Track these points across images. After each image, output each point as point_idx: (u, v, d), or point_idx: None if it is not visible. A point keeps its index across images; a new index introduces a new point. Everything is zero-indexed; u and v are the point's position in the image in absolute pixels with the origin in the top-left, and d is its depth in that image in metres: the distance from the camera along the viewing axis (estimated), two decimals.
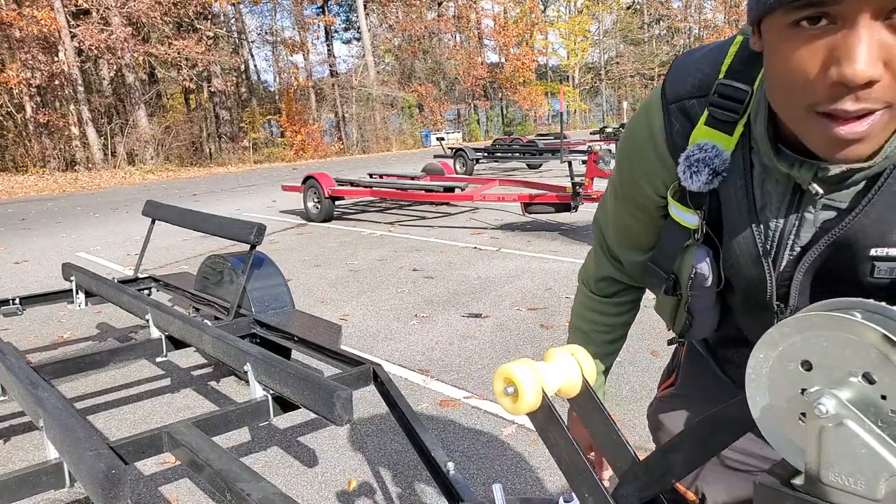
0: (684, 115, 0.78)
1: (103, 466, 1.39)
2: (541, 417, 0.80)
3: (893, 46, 0.55)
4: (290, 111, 29.78)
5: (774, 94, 0.65)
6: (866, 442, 0.51)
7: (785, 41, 0.59)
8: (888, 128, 0.60)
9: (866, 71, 0.54)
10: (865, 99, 0.57)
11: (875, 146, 0.61)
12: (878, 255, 0.70)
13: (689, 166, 0.76)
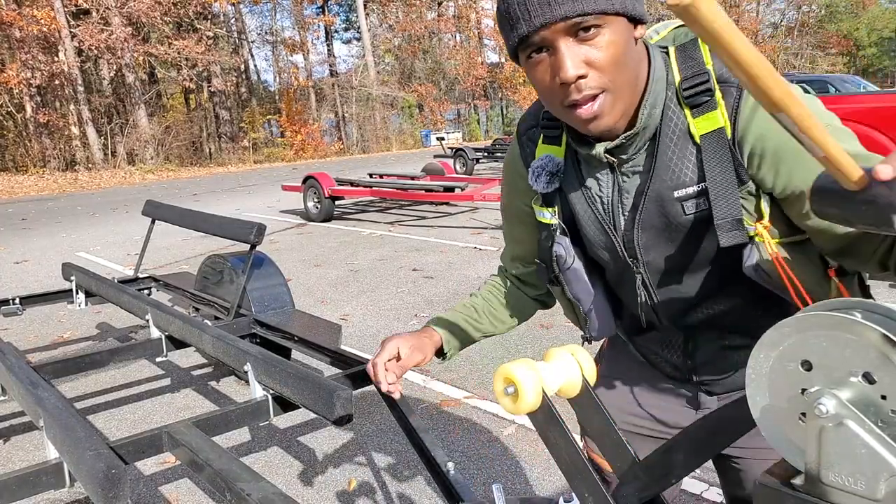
0: (530, 140, 1.04)
1: (103, 466, 1.39)
2: (541, 417, 0.80)
3: (586, 52, 0.80)
4: (290, 111, 29.78)
5: (543, 101, 0.89)
6: (866, 442, 0.51)
7: (531, 67, 0.84)
8: (616, 104, 0.84)
9: (572, 72, 0.79)
10: (583, 89, 0.81)
11: (615, 118, 0.85)
12: (680, 196, 0.89)
13: (533, 173, 1.00)
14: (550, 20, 0.77)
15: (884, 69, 38.81)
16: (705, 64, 0.87)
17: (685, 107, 0.88)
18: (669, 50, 0.92)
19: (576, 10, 0.77)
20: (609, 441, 0.82)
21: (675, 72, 0.89)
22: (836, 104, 4.67)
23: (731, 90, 0.85)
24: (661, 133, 0.89)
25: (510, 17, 0.81)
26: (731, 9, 36.41)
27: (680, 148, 0.88)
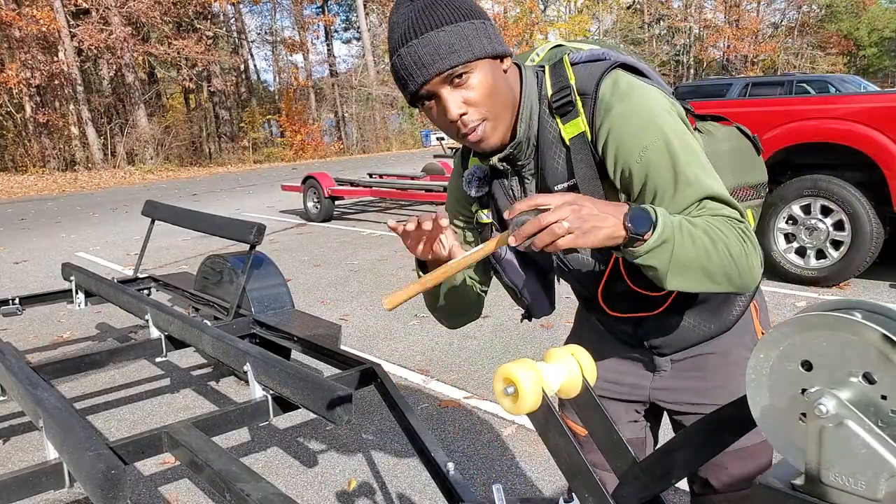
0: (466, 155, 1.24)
1: (103, 467, 1.39)
2: (541, 417, 0.80)
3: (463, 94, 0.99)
4: (289, 111, 29.74)
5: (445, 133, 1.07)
6: (866, 442, 0.51)
7: (427, 112, 1.04)
8: (497, 127, 1.03)
9: (455, 112, 1.00)
10: (467, 122, 1.01)
11: (499, 137, 1.04)
12: (559, 189, 1.08)
13: (466, 181, 1.19)
14: (428, 78, 0.97)
15: (884, 69, 38.76)
16: (568, 79, 1.06)
17: (556, 116, 1.07)
18: (545, 68, 1.10)
19: (445, 66, 0.96)
20: (609, 441, 0.82)
21: (548, 86, 1.08)
22: (837, 104, 4.66)
23: (588, 100, 1.04)
24: (541, 139, 1.09)
25: (399, 78, 1.01)
26: (732, 9, 36.44)
27: (555, 150, 1.08)
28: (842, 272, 4.56)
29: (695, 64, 37.70)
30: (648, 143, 0.99)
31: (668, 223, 0.90)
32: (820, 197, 4.57)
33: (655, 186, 0.99)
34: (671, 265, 0.91)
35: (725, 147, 1.18)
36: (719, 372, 1.23)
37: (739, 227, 0.96)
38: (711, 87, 11.45)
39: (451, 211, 1.30)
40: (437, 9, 0.97)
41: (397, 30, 0.99)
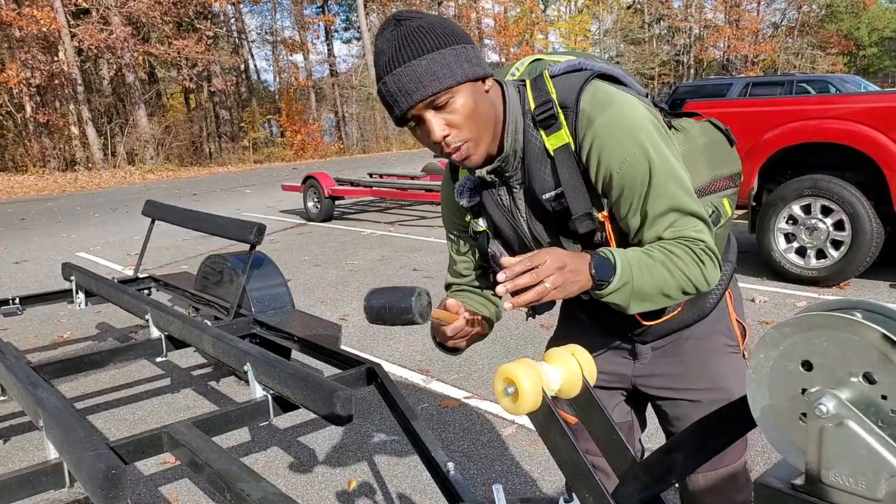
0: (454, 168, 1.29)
1: (103, 466, 1.39)
2: (541, 417, 0.80)
3: (445, 117, 1.04)
4: (290, 111, 29.73)
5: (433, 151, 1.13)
6: (867, 442, 0.51)
7: (414, 133, 1.10)
8: (479, 145, 1.08)
9: (439, 134, 1.05)
10: (450, 143, 1.07)
11: (481, 155, 1.10)
12: (546, 198, 1.15)
13: (457, 192, 1.25)
14: (412, 104, 1.03)
15: (884, 69, 38.74)
16: (549, 93, 1.11)
17: (539, 128, 1.12)
18: (527, 82, 1.15)
19: (427, 93, 1.01)
20: (609, 441, 0.82)
21: (530, 100, 1.13)
22: (837, 104, 4.66)
23: (570, 113, 1.09)
24: (527, 151, 1.14)
25: (386, 104, 1.06)
26: (732, 9, 36.42)
27: (540, 161, 1.13)
28: (842, 272, 4.56)
29: (695, 64, 37.70)
30: (628, 154, 1.06)
31: (626, 266, 1.03)
32: (820, 197, 4.57)
33: (632, 196, 1.08)
34: (631, 299, 1.06)
35: (701, 142, 1.23)
36: (697, 357, 1.30)
37: (698, 248, 1.08)
38: (712, 87, 11.46)
39: (447, 222, 1.35)
40: (419, 36, 1.01)
41: (382, 57, 1.03)
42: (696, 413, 1.28)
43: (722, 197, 1.25)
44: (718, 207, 1.23)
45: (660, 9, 38.73)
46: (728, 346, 1.32)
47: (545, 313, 1.30)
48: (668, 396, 1.32)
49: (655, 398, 1.35)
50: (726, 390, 1.28)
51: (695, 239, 1.08)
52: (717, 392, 1.28)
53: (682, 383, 1.30)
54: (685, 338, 1.29)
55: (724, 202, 1.26)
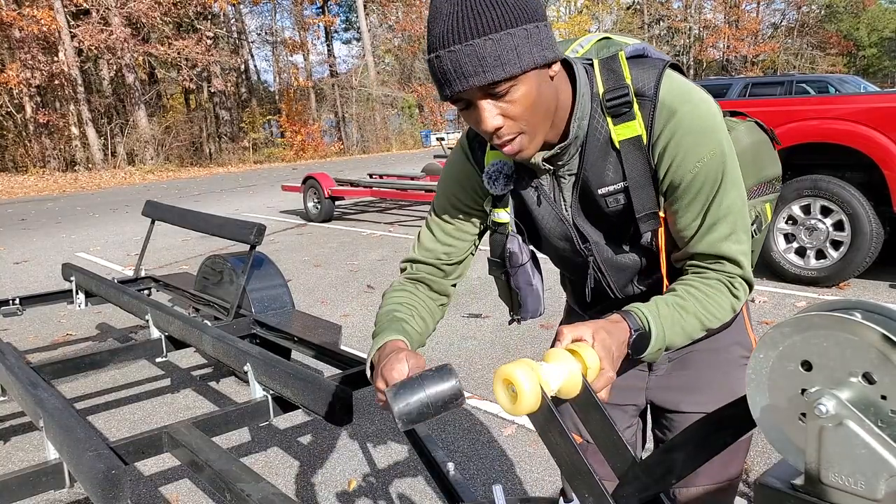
0: (479, 143, 1.14)
1: (103, 467, 1.39)
2: (541, 418, 0.80)
3: (502, 107, 0.91)
4: (290, 111, 29.74)
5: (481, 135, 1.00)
6: (866, 442, 0.51)
7: (461, 114, 0.96)
8: (534, 139, 0.96)
9: (491, 124, 0.92)
10: (502, 136, 0.94)
11: (534, 149, 0.97)
12: (603, 193, 1.05)
13: (490, 177, 1.11)
14: (466, 88, 0.89)
15: (884, 69, 38.75)
16: (625, 78, 1.00)
17: (607, 115, 1.01)
18: (594, 62, 1.03)
19: (486, 80, 0.87)
20: (609, 441, 0.82)
21: (599, 83, 1.01)
22: (837, 104, 4.66)
23: (647, 103, 0.99)
24: (588, 140, 1.02)
25: (437, 80, 0.92)
26: (732, 9, 36.41)
27: (602, 152, 1.02)
28: (841, 272, 4.56)
29: (695, 64, 37.69)
30: (706, 153, 0.98)
31: (660, 337, 0.98)
32: (820, 197, 4.57)
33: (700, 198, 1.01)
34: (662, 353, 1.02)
35: (747, 142, 1.17)
36: (714, 369, 1.25)
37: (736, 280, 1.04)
38: (711, 88, 11.44)
39: (448, 197, 1.20)
40: (490, 10, 0.86)
41: (440, 23, 0.88)
42: None
43: (765, 202, 1.20)
44: (760, 213, 1.19)
45: (659, 9, 38.73)
46: (744, 358, 1.28)
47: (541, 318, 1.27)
48: (682, 410, 1.26)
49: (667, 411, 1.28)
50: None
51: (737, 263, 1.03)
52: None
53: (699, 397, 1.24)
54: (702, 348, 1.24)
55: (767, 207, 1.21)
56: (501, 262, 1.18)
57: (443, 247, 1.21)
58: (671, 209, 1.04)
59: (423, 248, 1.23)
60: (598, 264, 1.13)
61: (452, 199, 1.19)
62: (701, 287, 1.03)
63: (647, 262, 1.12)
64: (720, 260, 1.03)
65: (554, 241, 1.14)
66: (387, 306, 1.17)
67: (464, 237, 1.21)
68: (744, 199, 1.03)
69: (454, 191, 1.18)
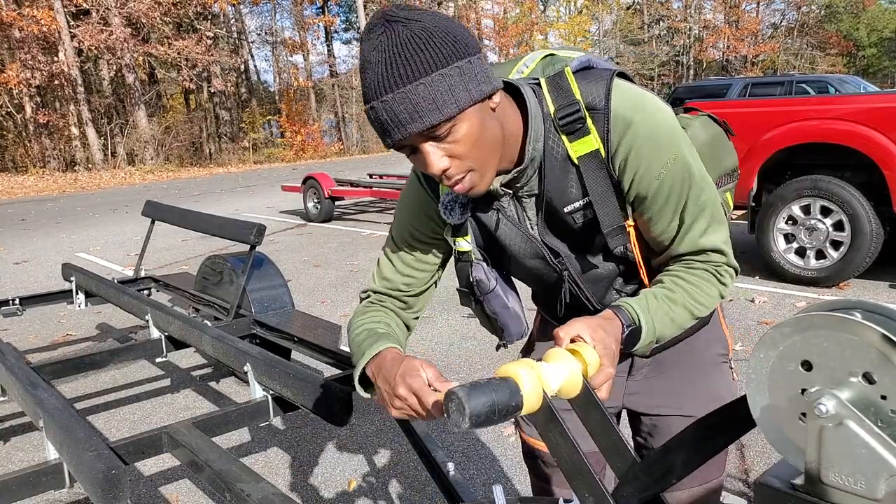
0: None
1: (103, 467, 1.39)
2: (541, 418, 0.80)
3: (446, 147, 0.89)
4: (290, 111, 29.74)
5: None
6: (866, 442, 0.51)
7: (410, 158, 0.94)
8: (485, 174, 0.94)
9: (437, 167, 0.90)
10: (450, 176, 0.92)
11: (487, 183, 0.95)
12: (569, 210, 1.04)
13: (445, 208, 1.08)
14: (405, 136, 0.87)
15: (884, 69, 38.76)
16: (574, 94, 0.98)
17: (562, 133, 0.99)
18: (541, 82, 1.01)
19: (424, 125, 0.85)
20: (609, 441, 0.82)
21: (548, 102, 0.99)
22: (837, 104, 4.66)
23: (600, 116, 0.97)
24: (546, 159, 1.01)
25: (376, 130, 0.91)
26: (731, 9, 36.41)
27: (562, 170, 1.01)
28: (841, 272, 4.56)
29: (694, 64, 37.70)
30: (668, 159, 0.98)
31: (650, 330, 0.99)
32: (820, 197, 4.57)
33: (671, 203, 1.01)
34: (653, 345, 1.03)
35: (704, 138, 1.17)
36: (694, 370, 1.25)
37: (722, 267, 1.05)
38: (711, 88, 11.46)
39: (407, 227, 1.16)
40: (416, 51, 0.84)
41: (370, 73, 0.87)
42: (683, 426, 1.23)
43: (725, 192, 1.21)
44: (723, 203, 1.19)
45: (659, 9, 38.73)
46: (721, 357, 1.29)
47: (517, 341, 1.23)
48: (663, 413, 1.25)
49: (647, 416, 1.27)
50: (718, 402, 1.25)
51: (721, 252, 1.04)
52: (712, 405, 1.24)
53: (679, 399, 1.24)
54: (682, 350, 1.24)
55: (728, 197, 1.23)
56: (470, 290, 1.16)
57: (403, 277, 1.18)
58: (643, 218, 1.03)
59: (383, 279, 1.19)
60: (573, 277, 1.12)
61: (410, 228, 1.16)
62: (688, 277, 1.04)
63: (624, 268, 1.12)
64: (704, 252, 1.04)
65: (525, 262, 1.12)
66: (362, 326, 1.12)
67: (424, 267, 1.18)
68: (713, 190, 1.04)
69: (411, 221, 1.15)
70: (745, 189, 4.91)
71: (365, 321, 1.13)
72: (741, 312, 4.21)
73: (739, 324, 3.99)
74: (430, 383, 0.89)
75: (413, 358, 0.94)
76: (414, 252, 1.17)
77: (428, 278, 1.20)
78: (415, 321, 1.24)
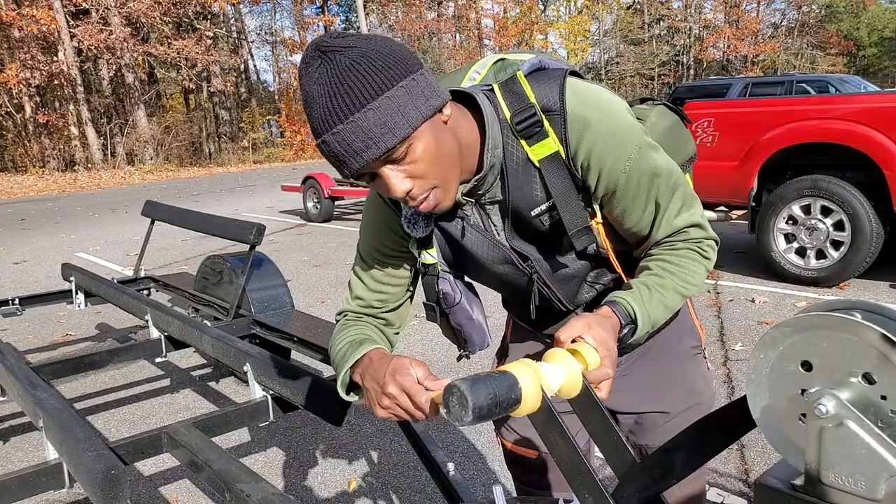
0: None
1: (103, 467, 1.39)
2: (541, 418, 0.80)
3: (406, 168, 0.87)
4: (289, 111, 29.73)
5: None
6: (866, 442, 0.51)
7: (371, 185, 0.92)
8: (448, 188, 0.92)
9: (400, 190, 0.88)
10: (414, 197, 0.90)
11: (452, 196, 0.94)
12: (536, 213, 1.03)
13: (408, 222, 1.06)
14: (363, 164, 0.85)
15: (884, 69, 38.76)
16: (528, 97, 0.97)
17: (520, 138, 0.98)
18: (494, 88, 1.00)
19: (380, 150, 0.83)
20: (609, 441, 0.82)
21: (503, 108, 0.98)
22: (837, 104, 4.66)
23: (556, 117, 0.97)
24: (507, 165, 1.00)
25: (333, 163, 0.87)
26: (732, 9, 36.41)
27: (524, 174, 1.01)
28: (842, 272, 4.56)
29: (695, 64, 37.70)
30: (631, 152, 0.98)
31: (645, 321, 0.99)
32: (820, 197, 4.57)
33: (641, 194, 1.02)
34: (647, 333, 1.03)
35: (662, 127, 1.18)
36: (669, 365, 1.26)
37: (704, 243, 1.06)
38: (711, 88, 11.46)
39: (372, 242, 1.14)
40: (358, 78, 0.82)
41: (315, 107, 0.84)
42: (664, 422, 1.25)
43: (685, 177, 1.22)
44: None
45: (659, 9, 38.72)
46: (694, 349, 1.29)
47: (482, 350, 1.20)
48: (641, 410, 1.26)
49: (626, 414, 1.27)
50: (696, 395, 1.26)
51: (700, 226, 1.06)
52: (690, 398, 1.26)
53: (657, 395, 1.24)
54: (655, 346, 1.24)
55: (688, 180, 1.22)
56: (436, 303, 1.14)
57: (375, 294, 1.16)
58: (614, 213, 1.04)
59: (356, 298, 1.18)
60: (543, 279, 1.11)
61: (377, 243, 1.14)
62: (674, 259, 1.04)
63: (594, 265, 1.12)
64: (683, 230, 1.05)
65: (493, 268, 1.11)
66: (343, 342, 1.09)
67: (396, 282, 1.16)
68: (678, 171, 1.05)
69: (376, 236, 1.14)
70: (745, 189, 4.91)
71: (344, 336, 1.11)
72: (741, 312, 4.21)
73: (739, 324, 3.99)
74: (419, 382, 0.88)
75: (402, 357, 0.92)
76: (384, 268, 1.15)
77: (401, 293, 1.18)
78: (396, 336, 1.21)
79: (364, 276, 1.17)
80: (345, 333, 1.12)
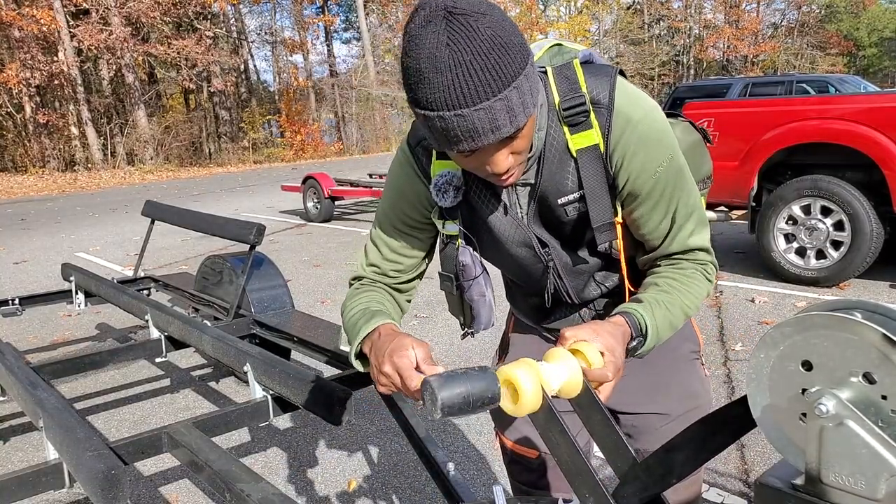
0: (424, 151, 1.08)
1: (103, 467, 1.39)
2: (542, 418, 0.80)
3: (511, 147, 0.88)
4: (289, 111, 29.74)
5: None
6: (867, 442, 0.51)
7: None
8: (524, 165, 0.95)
9: (504, 167, 0.89)
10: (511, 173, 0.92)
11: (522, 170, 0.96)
12: (563, 203, 1.04)
13: (439, 190, 1.05)
14: (482, 145, 0.84)
15: (884, 69, 38.77)
16: (580, 87, 0.98)
17: (564, 124, 0.99)
18: (547, 70, 1.01)
19: (503, 135, 0.84)
20: (609, 441, 0.82)
21: (553, 92, 0.99)
22: (837, 104, 4.66)
23: (603, 111, 0.98)
24: (546, 150, 1.01)
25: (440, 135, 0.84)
26: (732, 9, 36.40)
27: (559, 161, 1.01)
28: (842, 272, 4.56)
29: (695, 64, 37.70)
30: (665, 157, 1.00)
31: (653, 335, 1.00)
32: (820, 197, 4.57)
33: (664, 201, 1.03)
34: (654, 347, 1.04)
35: (684, 144, 1.19)
36: (668, 367, 1.27)
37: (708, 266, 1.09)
38: (711, 88, 11.45)
39: (396, 212, 1.14)
40: (497, 64, 0.79)
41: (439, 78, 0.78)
42: (661, 425, 1.25)
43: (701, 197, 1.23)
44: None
45: (659, 9, 38.72)
46: (693, 354, 1.30)
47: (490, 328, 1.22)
48: (639, 412, 1.26)
49: (624, 414, 1.27)
50: (694, 398, 1.27)
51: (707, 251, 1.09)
52: (688, 401, 1.26)
53: (656, 396, 1.25)
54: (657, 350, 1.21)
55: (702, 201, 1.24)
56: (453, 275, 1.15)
57: (390, 264, 1.17)
58: (633, 215, 1.05)
59: (370, 265, 1.18)
60: (557, 269, 1.13)
61: (398, 212, 1.13)
62: (680, 279, 1.06)
63: (605, 264, 1.14)
64: (692, 251, 1.08)
65: (512, 249, 1.11)
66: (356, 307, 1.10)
67: (412, 253, 1.17)
68: (697, 192, 1.08)
69: (399, 204, 1.13)
70: (745, 189, 4.91)
71: (358, 302, 1.12)
72: (741, 312, 4.21)
73: (739, 324, 3.99)
74: (417, 364, 0.89)
75: (406, 335, 0.93)
76: (402, 239, 1.15)
77: (416, 264, 1.19)
78: (407, 303, 1.24)
79: (381, 245, 1.17)
80: (358, 299, 1.13)
